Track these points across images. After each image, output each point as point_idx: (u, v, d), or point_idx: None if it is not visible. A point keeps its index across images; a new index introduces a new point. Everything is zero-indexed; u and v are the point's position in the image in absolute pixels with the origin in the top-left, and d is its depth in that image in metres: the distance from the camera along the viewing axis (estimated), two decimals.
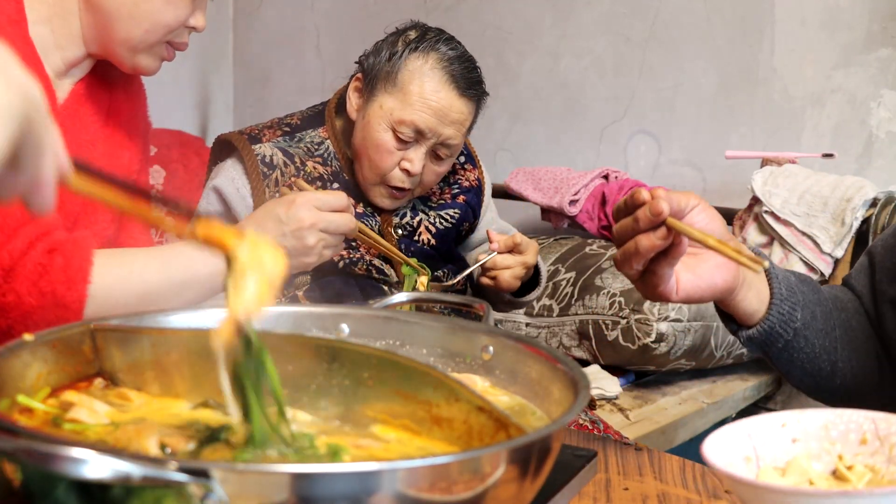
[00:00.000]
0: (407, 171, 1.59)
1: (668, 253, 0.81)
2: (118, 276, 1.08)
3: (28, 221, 1.03)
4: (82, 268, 1.04)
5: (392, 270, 1.65)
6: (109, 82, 1.28)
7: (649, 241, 0.80)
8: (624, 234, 0.83)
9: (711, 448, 0.69)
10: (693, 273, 0.86)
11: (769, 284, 0.92)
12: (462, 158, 1.82)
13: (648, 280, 0.84)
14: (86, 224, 1.22)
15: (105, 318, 0.79)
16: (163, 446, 0.61)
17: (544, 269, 1.65)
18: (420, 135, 1.58)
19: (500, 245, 1.55)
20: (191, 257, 1.13)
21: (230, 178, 1.62)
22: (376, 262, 1.63)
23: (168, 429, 0.64)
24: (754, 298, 0.91)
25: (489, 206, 1.87)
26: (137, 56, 1.18)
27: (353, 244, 1.62)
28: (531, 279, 1.66)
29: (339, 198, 1.27)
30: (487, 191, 1.84)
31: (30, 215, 0.99)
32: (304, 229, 1.20)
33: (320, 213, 1.22)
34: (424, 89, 1.57)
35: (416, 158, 1.59)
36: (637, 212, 0.81)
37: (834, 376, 0.98)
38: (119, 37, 1.16)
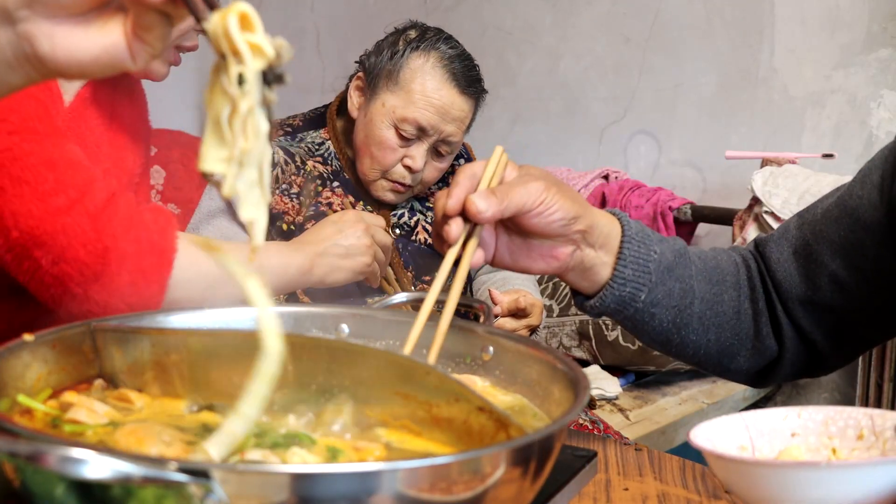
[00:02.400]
0: (409, 168, 1.62)
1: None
2: (197, 250, 1.08)
3: (95, 180, 1.04)
4: (170, 222, 1.07)
5: (390, 268, 1.66)
6: (113, 87, 1.28)
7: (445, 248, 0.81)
8: (436, 215, 0.83)
9: (704, 433, 0.71)
10: (511, 257, 0.87)
11: (613, 268, 0.90)
12: (462, 161, 1.83)
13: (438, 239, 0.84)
14: None
15: (105, 319, 0.79)
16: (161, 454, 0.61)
17: (543, 321, 1.65)
18: (422, 132, 1.60)
19: (504, 309, 1.55)
20: (266, 249, 1.18)
21: None
22: None
23: (168, 430, 0.64)
24: (585, 282, 0.91)
25: None
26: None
27: None
28: None
29: (379, 218, 1.37)
30: None
31: (94, 177, 1.01)
32: (359, 228, 1.29)
33: (366, 219, 1.31)
34: (426, 87, 1.59)
35: (418, 155, 1.61)
36: (436, 223, 0.82)
37: (684, 346, 0.98)
38: None
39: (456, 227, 0.79)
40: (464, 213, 0.80)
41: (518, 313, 1.56)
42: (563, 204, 0.83)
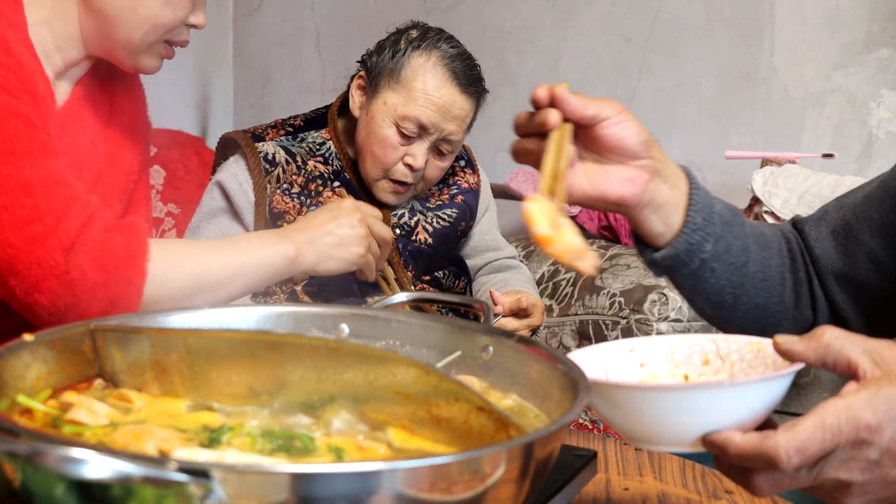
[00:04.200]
0: (410, 166, 1.62)
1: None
2: (173, 258, 1.09)
3: (73, 202, 1.04)
4: (141, 246, 1.06)
5: (390, 267, 1.66)
6: (110, 84, 1.28)
7: (536, 147, 0.82)
8: (518, 128, 0.84)
9: None
10: (588, 180, 0.85)
11: (685, 211, 0.89)
12: (462, 162, 1.84)
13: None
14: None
15: (105, 319, 0.79)
16: (161, 454, 0.61)
17: (544, 319, 1.66)
18: (423, 130, 1.61)
19: (505, 309, 1.56)
20: (247, 241, 1.19)
21: (233, 173, 1.65)
22: None
23: (167, 431, 0.64)
24: (659, 222, 0.89)
25: (489, 209, 1.89)
26: (138, 57, 1.19)
27: None
28: None
29: (376, 209, 1.32)
30: (485, 196, 1.86)
31: (73, 197, 1.03)
32: (354, 217, 1.25)
33: (363, 209, 1.27)
34: (427, 86, 1.60)
35: (418, 153, 1.62)
36: (534, 115, 0.82)
37: (736, 309, 0.98)
38: (119, 39, 1.16)
39: (553, 114, 0.79)
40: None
41: (520, 313, 1.57)
42: (637, 122, 0.84)
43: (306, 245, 1.22)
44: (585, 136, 0.83)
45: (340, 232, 1.24)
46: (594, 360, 0.76)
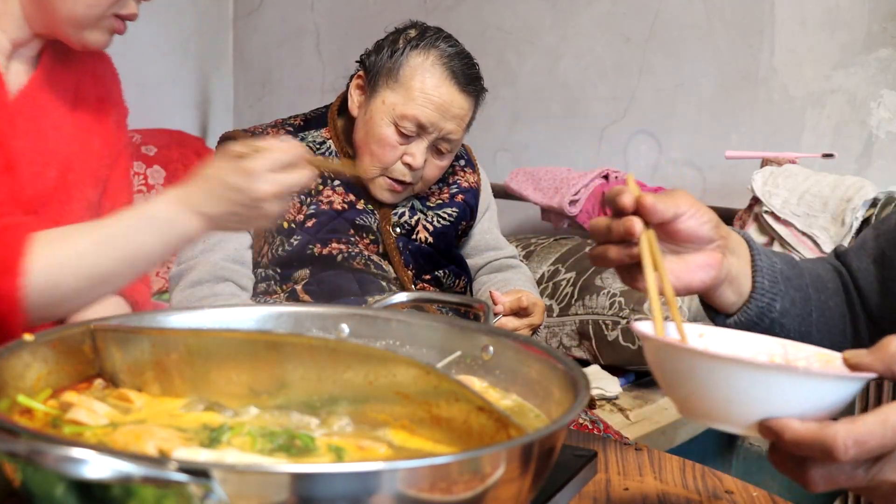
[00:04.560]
0: (409, 165, 1.62)
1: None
2: (63, 260, 1.03)
3: None
4: (15, 257, 1.00)
5: (390, 266, 1.66)
6: (76, 68, 1.25)
7: (618, 255, 0.82)
8: (597, 235, 0.84)
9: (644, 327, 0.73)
10: (674, 276, 0.87)
11: (752, 277, 0.93)
12: (462, 161, 1.84)
13: (626, 272, 0.85)
14: (59, 204, 1.19)
15: (105, 318, 0.79)
16: (161, 454, 0.61)
17: (544, 318, 1.66)
18: (422, 129, 1.61)
19: (506, 308, 1.55)
20: (143, 225, 1.05)
21: None
22: (374, 257, 1.65)
23: (167, 431, 0.64)
24: (733, 294, 0.93)
25: (489, 208, 1.89)
26: (84, 32, 1.15)
27: (352, 240, 1.63)
28: None
29: (293, 151, 1.09)
30: (486, 195, 1.86)
31: None
32: (264, 200, 1.05)
33: (279, 179, 1.06)
34: (426, 85, 1.60)
35: (417, 152, 1.62)
36: (613, 223, 0.82)
37: None
38: (62, 14, 1.13)
39: (638, 223, 0.80)
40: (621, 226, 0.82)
41: (520, 312, 1.57)
42: (706, 209, 0.87)
43: (211, 217, 1.05)
44: (662, 231, 0.85)
45: (243, 212, 1.06)
46: (665, 332, 0.75)
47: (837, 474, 0.63)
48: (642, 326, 0.72)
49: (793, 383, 0.64)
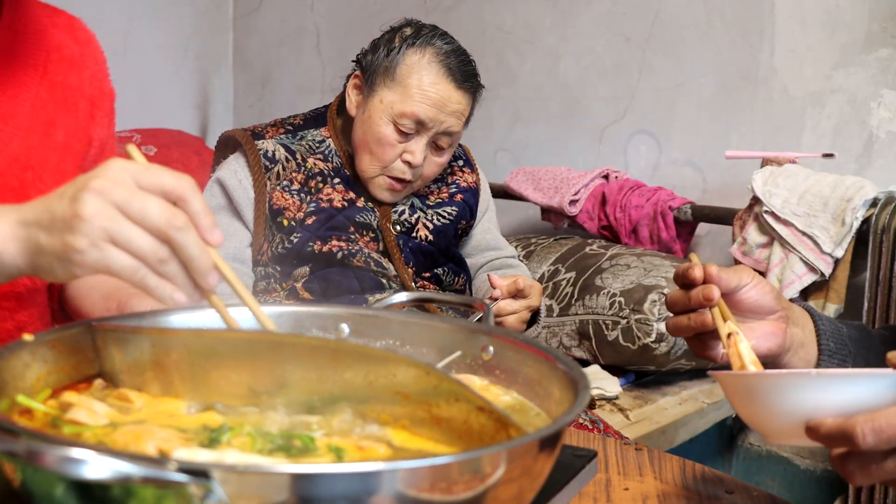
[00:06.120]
0: (409, 163, 1.63)
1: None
2: None
3: None
4: None
5: (391, 264, 1.66)
6: (39, 42, 1.11)
7: (695, 323, 0.90)
8: (674, 305, 0.92)
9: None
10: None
11: (818, 343, 0.97)
12: (461, 162, 1.84)
13: (697, 343, 0.93)
14: None
15: (105, 318, 0.79)
16: (161, 454, 0.61)
17: (543, 307, 1.66)
18: (421, 125, 1.62)
19: (504, 291, 1.55)
20: None
21: (233, 170, 1.65)
22: (375, 255, 1.65)
23: (167, 431, 0.64)
24: (800, 361, 0.96)
25: (489, 209, 1.89)
26: None
27: (352, 237, 1.64)
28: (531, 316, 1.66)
29: (180, 187, 0.72)
30: (485, 195, 1.87)
31: None
32: (82, 220, 0.68)
33: (114, 215, 0.68)
34: (423, 82, 1.60)
35: (417, 150, 1.62)
36: (691, 292, 0.90)
37: None
38: None
39: (716, 290, 0.89)
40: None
41: (518, 294, 1.57)
42: (766, 280, 0.95)
43: (20, 222, 0.73)
44: (726, 302, 0.91)
45: (56, 207, 0.71)
46: None
47: (869, 465, 0.69)
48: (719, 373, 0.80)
49: (836, 384, 0.71)
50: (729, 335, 0.86)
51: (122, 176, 0.69)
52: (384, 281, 1.64)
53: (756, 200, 2.13)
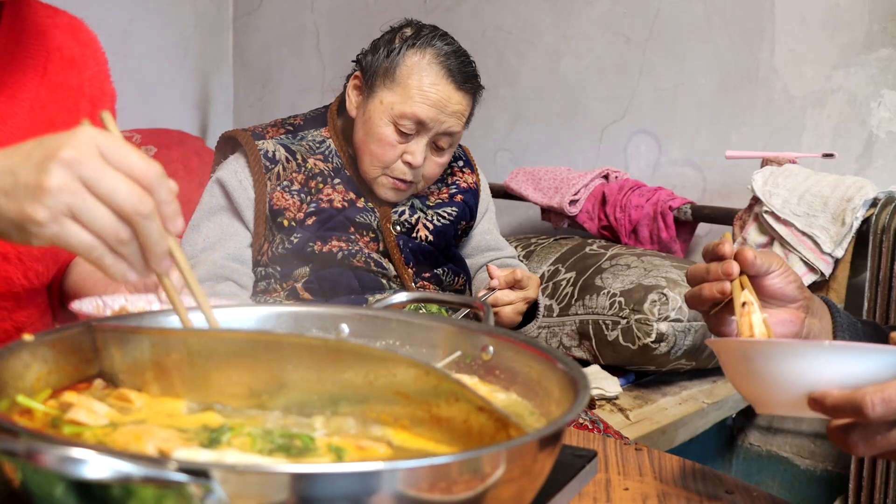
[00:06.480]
0: (409, 164, 1.63)
1: (731, 303, 0.91)
2: None
3: None
4: None
5: (391, 264, 1.66)
6: (39, 44, 1.13)
7: (710, 292, 0.91)
8: (695, 278, 0.93)
9: None
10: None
11: (833, 336, 0.99)
12: (461, 162, 1.84)
13: (713, 319, 0.94)
14: None
15: (105, 319, 0.79)
16: (161, 454, 0.61)
17: (542, 301, 1.66)
18: (421, 126, 1.62)
19: (501, 282, 1.56)
20: None
21: (233, 170, 1.65)
22: (375, 255, 1.65)
23: (167, 431, 0.64)
24: None
25: (488, 209, 1.89)
26: None
27: (352, 237, 1.64)
28: (529, 310, 1.66)
29: (148, 173, 0.70)
30: (485, 195, 1.87)
31: None
32: (44, 192, 0.66)
33: (78, 189, 0.67)
34: (423, 82, 1.60)
35: (417, 151, 1.62)
36: (711, 263, 0.91)
37: None
38: None
39: (735, 265, 0.90)
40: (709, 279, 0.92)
41: (515, 285, 1.57)
42: (792, 270, 0.95)
43: None
44: (752, 285, 0.92)
45: (21, 172, 0.68)
46: None
47: (873, 435, 0.70)
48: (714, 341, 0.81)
49: (839, 356, 0.71)
50: (743, 304, 0.87)
51: (91, 148, 0.67)
52: (384, 281, 1.64)
53: (756, 200, 2.13)
